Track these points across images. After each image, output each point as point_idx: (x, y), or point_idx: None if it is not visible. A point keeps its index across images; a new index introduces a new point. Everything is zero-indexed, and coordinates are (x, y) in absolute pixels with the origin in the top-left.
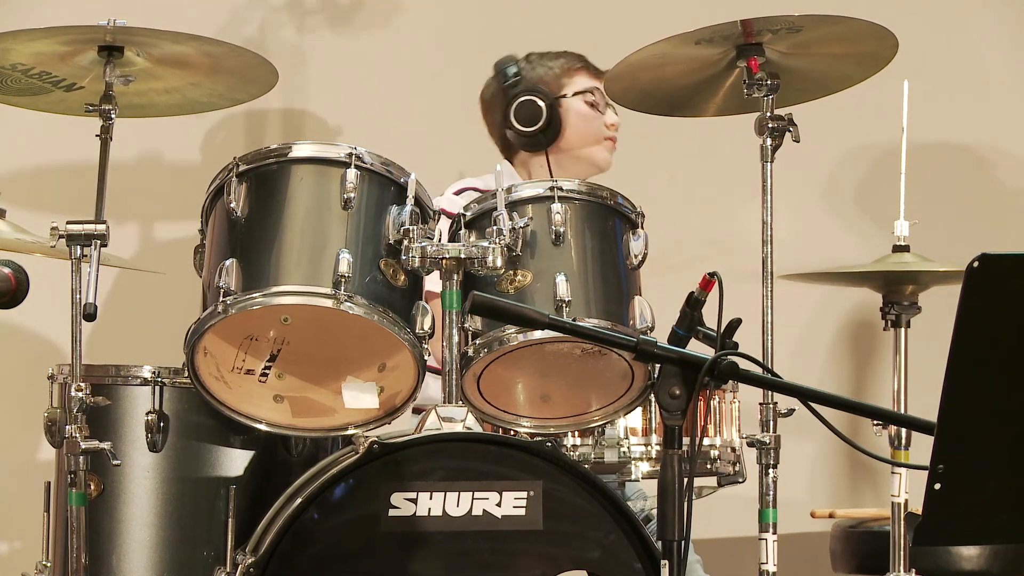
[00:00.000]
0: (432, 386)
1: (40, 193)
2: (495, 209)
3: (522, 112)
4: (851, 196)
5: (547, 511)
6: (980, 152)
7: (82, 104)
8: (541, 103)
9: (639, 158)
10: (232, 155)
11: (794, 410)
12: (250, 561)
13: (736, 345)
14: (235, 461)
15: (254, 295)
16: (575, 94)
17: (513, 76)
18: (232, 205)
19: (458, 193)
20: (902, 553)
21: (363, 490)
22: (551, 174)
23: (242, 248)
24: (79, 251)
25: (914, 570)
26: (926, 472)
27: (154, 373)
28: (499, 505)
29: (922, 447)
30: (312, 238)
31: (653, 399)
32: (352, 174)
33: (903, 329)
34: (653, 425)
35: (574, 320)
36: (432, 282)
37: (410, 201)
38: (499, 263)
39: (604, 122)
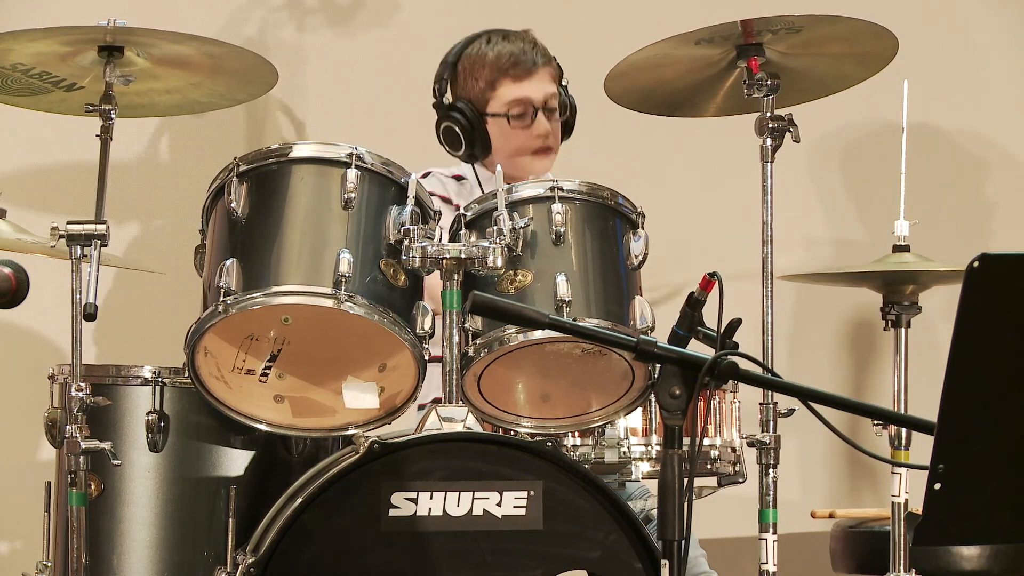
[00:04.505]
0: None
1: (40, 193)
2: (495, 209)
3: (446, 137)
4: (851, 196)
5: (547, 511)
6: (980, 152)
7: (82, 104)
8: (458, 130)
9: (639, 158)
10: (232, 155)
11: (794, 410)
12: (250, 561)
13: (736, 345)
14: (235, 461)
15: (254, 295)
16: (494, 115)
17: (440, 97)
18: (233, 205)
19: (422, 178)
20: (902, 553)
21: (363, 490)
22: (481, 188)
23: (242, 248)
24: (79, 251)
25: (914, 570)
26: (926, 472)
27: (154, 373)
28: (499, 505)
29: (922, 447)
30: (312, 238)
31: (653, 399)
32: (352, 174)
33: (903, 329)
34: (653, 425)
35: (574, 320)
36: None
37: (410, 201)
38: (499, 263)
39: (531, 134)
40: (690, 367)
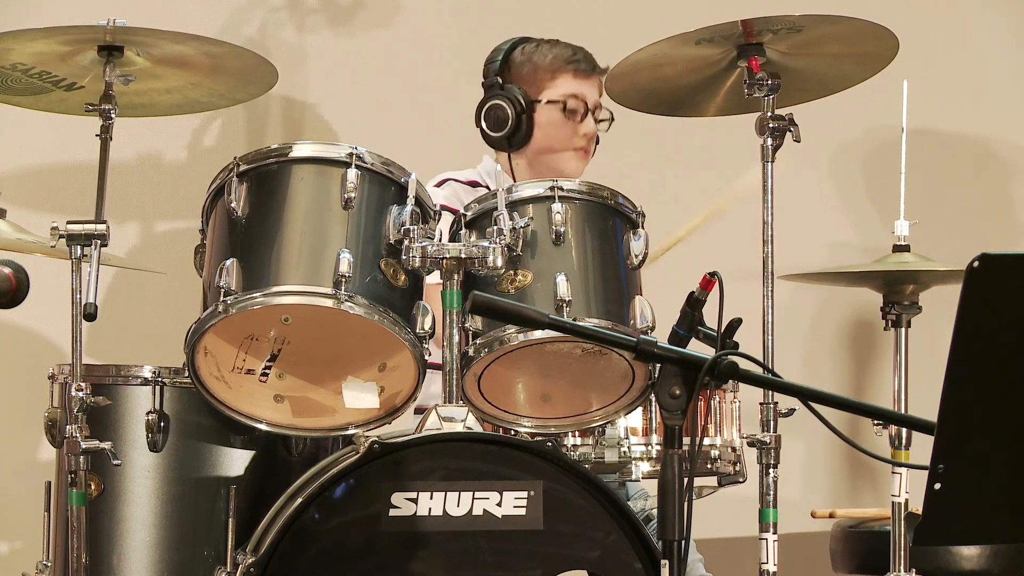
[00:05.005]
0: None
1: (40, 193)
2: (495, 209)
3: (491, 115)
4: (851, 196)
5: (547, 511)
6: (980, 152)
7: (82, 104)
8: (510, 110)
9: (639, 158)
10: (232, 155)
11: (794, 410)
12: (250, 561)
13: (736, 345)
14: (235, 461)
15: (254, 295)
16: (549, 102)
17: (495, 75)
18: (233, 205)
19: (439, 186)
20: (902, 553)
21: (363, 490)
22: (513, 176)
23: (242, 248)
24: (79, 251)
25: (914, 570)
26: (926, 472)
27: (154, 373)
28: (499, 505)
29: (922, 447)
30: (312, 238)
31: (653, 399)
32: (352, 174)
33: (903, 329)
34: (653, 425)
35: (574, 320)
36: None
37: (410, 201)
38: (499, 263)
39: (578, 131)
40: (690, 367)
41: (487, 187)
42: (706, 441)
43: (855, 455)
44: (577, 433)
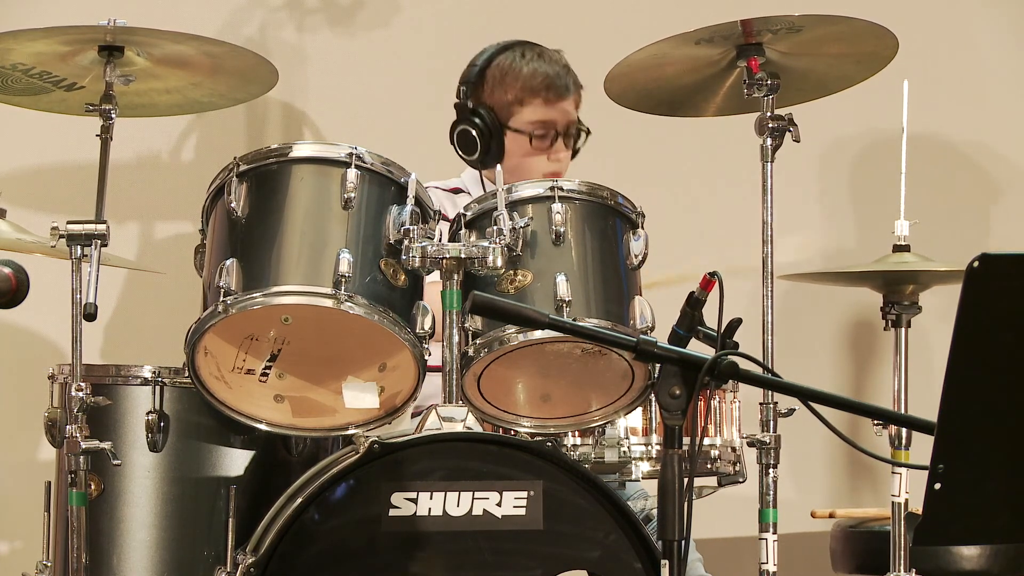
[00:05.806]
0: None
1: (40, 193)
2: (495, 209)
3: (461, 140)
4: (851, 196)
5: (547, 511)
6: (980, 152)
7: (82, 104)
8: (478, 137)
9: (639, 158)
10: (232, 155)
11: (794, 410)
12: (250, 561)
13: (736, 345)
14: (235, 461)
15: (254, 295)
16: (516, 130)
17: (464, 98)
18: (232, 205)
19: None
20: (902, 553)
21: (363, 490)
22: (484, 191)
23: (242, 248)
24: (79, 251)
25: (914, 570)
26: (926, 472)
27: (154, 373)
28: (499, 505)
29: (922, 447)
30: (312, 238)
31: (653, 399)
32: (352, 174)
33: (903, 329)
34: (653, 425)
35: (574, 320)
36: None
37: (410, 201)
38: (499, 263)
39: (548, 155)
40: (690, 367)
41: (470, 195)
42: (706, 441)
43: (855, 455)
44: (577, 433)
